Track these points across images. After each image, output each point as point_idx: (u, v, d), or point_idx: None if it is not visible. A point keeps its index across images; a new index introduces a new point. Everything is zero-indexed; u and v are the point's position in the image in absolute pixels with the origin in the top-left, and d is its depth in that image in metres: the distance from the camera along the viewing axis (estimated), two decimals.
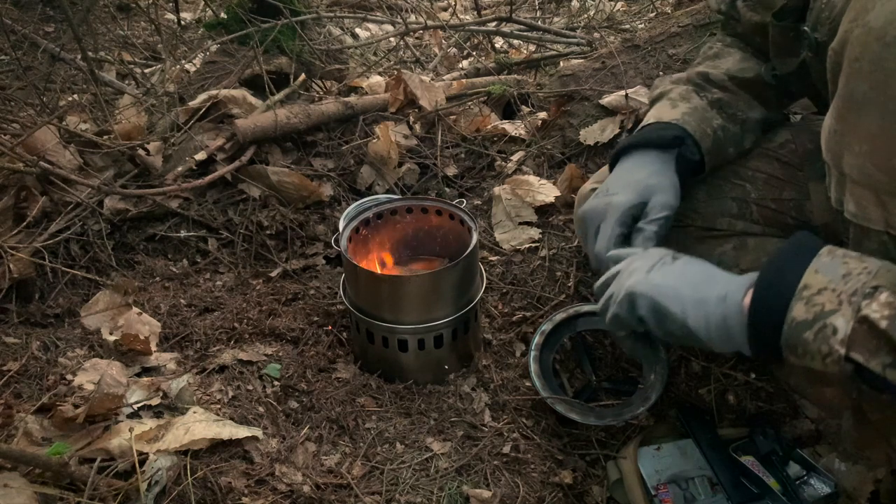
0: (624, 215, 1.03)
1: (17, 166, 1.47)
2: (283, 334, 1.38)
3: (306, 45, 2.14)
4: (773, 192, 1.18)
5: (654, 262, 0.89)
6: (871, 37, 0.70)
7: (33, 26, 2.94)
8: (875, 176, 0.72)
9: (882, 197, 0.73)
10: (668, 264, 0.89)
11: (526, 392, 1.30)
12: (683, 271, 0.87)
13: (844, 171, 0.76)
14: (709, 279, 0.85)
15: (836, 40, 0.75)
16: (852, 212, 0.77)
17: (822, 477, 1.14)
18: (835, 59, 0.76)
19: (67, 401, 1.11)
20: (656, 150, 1.09)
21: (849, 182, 0.76)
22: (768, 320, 0.74)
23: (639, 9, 3.46)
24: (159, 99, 1.91)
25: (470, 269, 1.28)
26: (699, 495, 1.14)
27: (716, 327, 0.80)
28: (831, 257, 0.73)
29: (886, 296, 0.67)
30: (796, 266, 0.74)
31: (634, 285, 0.87)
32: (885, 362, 0.66)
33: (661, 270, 0.88)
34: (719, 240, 1.19)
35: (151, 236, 1.63)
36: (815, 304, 0.71)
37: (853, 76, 0.72)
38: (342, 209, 1.71)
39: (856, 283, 0.69)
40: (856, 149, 0.73)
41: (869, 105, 0.71)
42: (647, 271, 0.88)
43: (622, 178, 1.09)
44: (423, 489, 1.09)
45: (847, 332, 0.68)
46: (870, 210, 0.75)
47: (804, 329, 0.71)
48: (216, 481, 1.01)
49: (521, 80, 2.25)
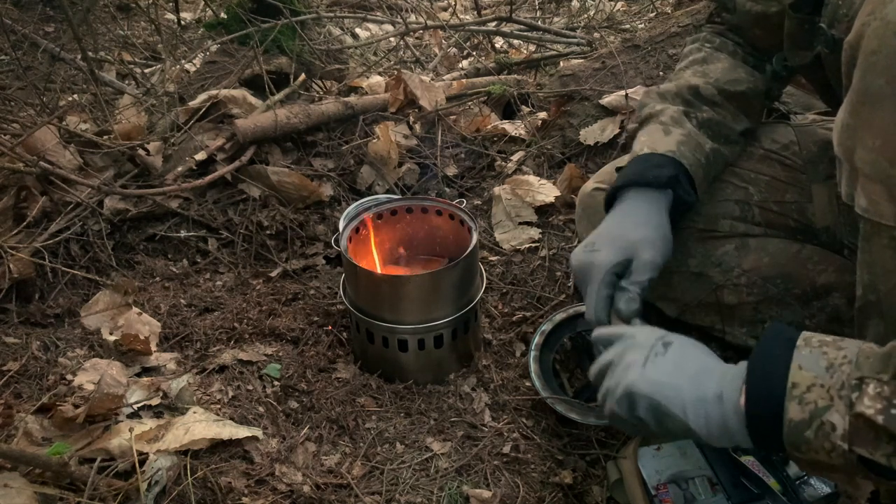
0: (608, 275, 1.01)
1: (17, 166, 1.47)
2: (283, 334, 1.38)
3: (306, 45, 2.14)
4: (776, 195, 1.17)
5: (646, 354, 0.86)
6: (889, 30, 0.69)
7: (33, 26, 2.94)
8: (888, 171, 0.71)
9: (894, 192, 0.72)
10: (662, 354, 0.86)
11: (526, 392, 1.30)
12: (679, 364, 0.84)
13: (857, 166, 0.74)
14: (704, 370, 0.83)
15: (852, 34, 0.75)
16: (863, 207, 0.76)
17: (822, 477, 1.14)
18: (850, 53, 0.75)
19: (67, 401, 1.11)
20: (651, 190, 1.07)
21: (861, 177, 0.75)
22: (767, 423, 0.74)
23: (639, 9, 3.46)
24: (159, 99, 1.91)
25: (470, 269, 1.28)
26: (699, 495, 1.14)
27: (717, 427, 0.79)
28: (809, 349, 0.73)
29: (873, 387, 0.67)
30: (780, 364, 0.73)
31: (632, 384, 0.84)
32: (887, 453, 0.66)
33: (655, 364, 0.85)
34: (721, 240, 1.19)
35: (151, 236, 1.63)
36: (807, 403, 0.70)
37: (869, 70, 0.72)
38: (342, 209, 1.71)
39: (840, 375, 0.69)
40: (869, 143, 0.72)
41: (884, 99, 0.70)
42: (643, 365, 0.85)
43: (609, 231, 1.07)
44: (423, 489, 1.09)
45: (845, 426, 0.68)
46: (882, 205, 0.74)
47: (804, 428, 0.70)
48: (216, 481, 1.01)
49: (521, 80, 2.25)
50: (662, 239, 1.05)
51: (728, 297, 1.19)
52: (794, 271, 1.15)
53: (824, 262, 1.14)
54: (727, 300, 1.19)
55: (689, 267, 1.20)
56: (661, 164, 1.08)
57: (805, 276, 1.15)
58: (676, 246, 1.21)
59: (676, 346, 0.86)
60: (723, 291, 1.19)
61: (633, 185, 1.08)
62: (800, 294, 1.15)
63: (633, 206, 1.07)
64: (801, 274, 1.15)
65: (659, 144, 1.10)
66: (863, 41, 0.73)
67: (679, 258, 1.21)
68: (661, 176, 1.06)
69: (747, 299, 1.18)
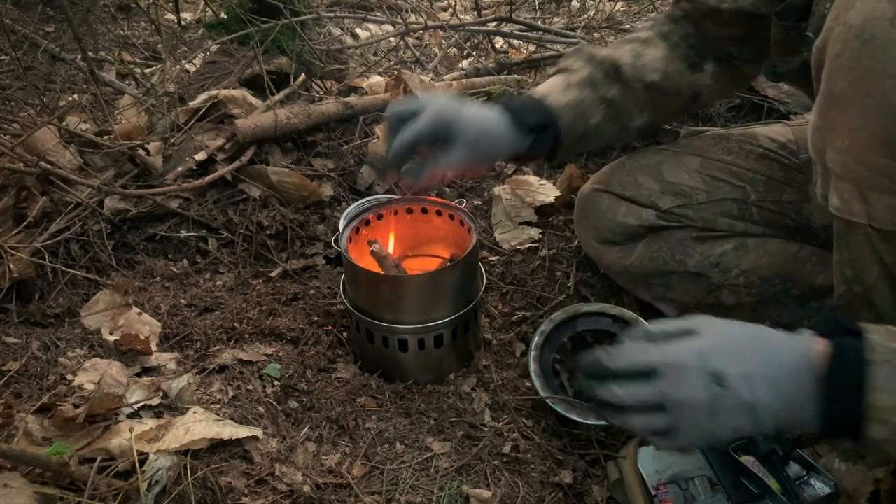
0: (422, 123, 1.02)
1: (17, 166, 1.47)
2: (283, 334, 1.38)
3: (306, 45, 2.14)
4: (774, 194, 1.18)
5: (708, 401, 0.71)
6: (851, 34, 0.71)
7: (33, 26, 2.94)
8: (856, 170, 0.73)
9: (864, 191, 0.74)
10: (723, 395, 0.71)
11: (526, 392, 1.30)
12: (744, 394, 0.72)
13: (828, 166, 0.77)
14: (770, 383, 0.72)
15: (820, 39, 0.77)
16: (836, 206, 0.78)
17: (822, 477, 1.14)
18: (818, 57, 0.77)
19: (67, 401, 1.11)
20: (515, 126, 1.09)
21: (832, 177, 0.77)
22: (844, 434, 0.71)
23: (639, 9, 3.45)
24: (159, 99, 1.91)
25: (470, 269, 1.28)
26: (699, 495, 1.14)
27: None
28: (886, 368, 0.68)
29: None
30: (853, 388, 0.68)
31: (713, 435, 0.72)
32: None
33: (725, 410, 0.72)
34: (720, 240, 1.19)
35: (151, 236, 1.63)
36: (891, 424, 0.67)
37: (833, 73, 0.73)
38: (342, 209, 1.71)
39: None
40: (837, 144, 0.74)
41: (848, 101, 0.72)
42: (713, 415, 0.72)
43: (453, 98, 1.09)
44: (423, 489, 1.09)
45: None
46: (853, 204, 0.76)
47: (890, 446, 0.69)
48: (216, 481, 1.01)
49: (521, 80, 2.25)
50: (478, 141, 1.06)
51: (726, 298, 1.19)
52: (793, 272, 1.15)
53: (823, 263, 1.15)
54: (725, 301, 1.19)
55: (688, 267, 1.20)
56: (537, 113, 1.11)
57: (804, 276, 1.15)
58: (674, 246, 1.21)
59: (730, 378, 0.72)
60: (721, 292, 1.19)
61: (508, 108, 1.11)
62: (798, 294, 1.15)
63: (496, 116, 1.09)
64: (799, 274, 1.15)
65: (552, 95, 1.14)
66: (828, 45, 0.74)
67: (678, 258, 1.21)
68: (528, 121, 1.10)
69: (746, 300, 1.18)
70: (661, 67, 1.16)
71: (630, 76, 1.16)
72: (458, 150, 1.04)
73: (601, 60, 1.18)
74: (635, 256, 1.26)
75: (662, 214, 1.22)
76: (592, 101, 1.14)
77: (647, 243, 1.25)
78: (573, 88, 1.14)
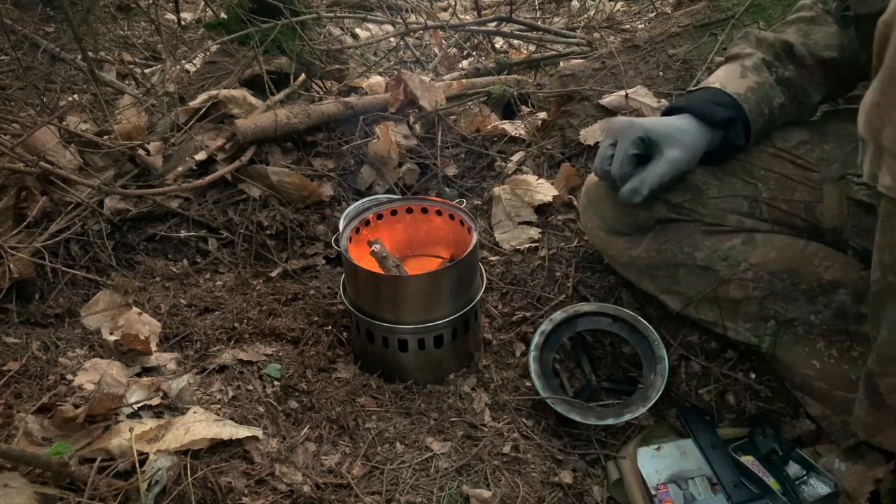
0: (638, 139, 1.11)
1: (17, 166, 1.47)
2: (284, 334, 1.38)
3: (306, 45, 2.14)
4: (785, 193, 1.18)
5: None
6: None
7: (33, 26, 2.94)
8: None
9: None
10: None
11: (526, 392, 1.30)
12: None
13: (884, 145, 0.75)
14: None
15: (888, 13, 0.75)
16: (888, 185, 0.77)
17: (821, 477, 1.14)
18: (884, 32, 0.76)
19: (67, 401, 1.11)
20: (704, 124, 1.14)
21: (886, 155, 0.75)
22: None
23: (639, 9, 3.46)
24: (159, 99, 1.91)
25: (470, 269, 1.28)
26: (699, 495, 1.14)
27: None
28: None
29: None
30: None
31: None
32: None
33: None
34: (728, 234, 1.19)
35: (151, 236, 1.63)
36: None
37: None
38: (342, 209, 1.71)
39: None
40: None
41: None
42: None
43: (656, 119, 1.16)
44: (423, 489, 1.09)
45: None
46: None
47: None
48: (216, 481, 1.01)
49: (521, 80, 2.25)
50: (690, 159, 1.13)
51: (734, 292, 1.19)
52: (801, 267, 1.15)
53: (830, 259, 1.15)
54: (733, 294, 1.19)
55: (696, 260, 1.20)
56: (724, 103, 1.14)
57: (811, 271, 1.15)
58: (683, 238, 1.21)
59: None
60: (728, 286, 1.19)
61: (691, 112, 1.15)
62: (806, 289, 1.15)
63: (685, 123, 1.15)
64: (807, 269, 1.15)
65: (730, 84, 1.16)
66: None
67: (686, 251, 1.21)
68: (717, 115, 1.13)
69: (753, 294, 1.18)
70: (832, 42, 1.18)
71: (802, 54, 1.18)
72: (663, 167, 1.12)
73: (772, 42, 1.20)
74: (642, 248, 1.26)
75: (673, 207, 1.21)
76: (771, 82, 1.17)
77: (656, 235, 1.25)
78: (750, 73, 1.17)
